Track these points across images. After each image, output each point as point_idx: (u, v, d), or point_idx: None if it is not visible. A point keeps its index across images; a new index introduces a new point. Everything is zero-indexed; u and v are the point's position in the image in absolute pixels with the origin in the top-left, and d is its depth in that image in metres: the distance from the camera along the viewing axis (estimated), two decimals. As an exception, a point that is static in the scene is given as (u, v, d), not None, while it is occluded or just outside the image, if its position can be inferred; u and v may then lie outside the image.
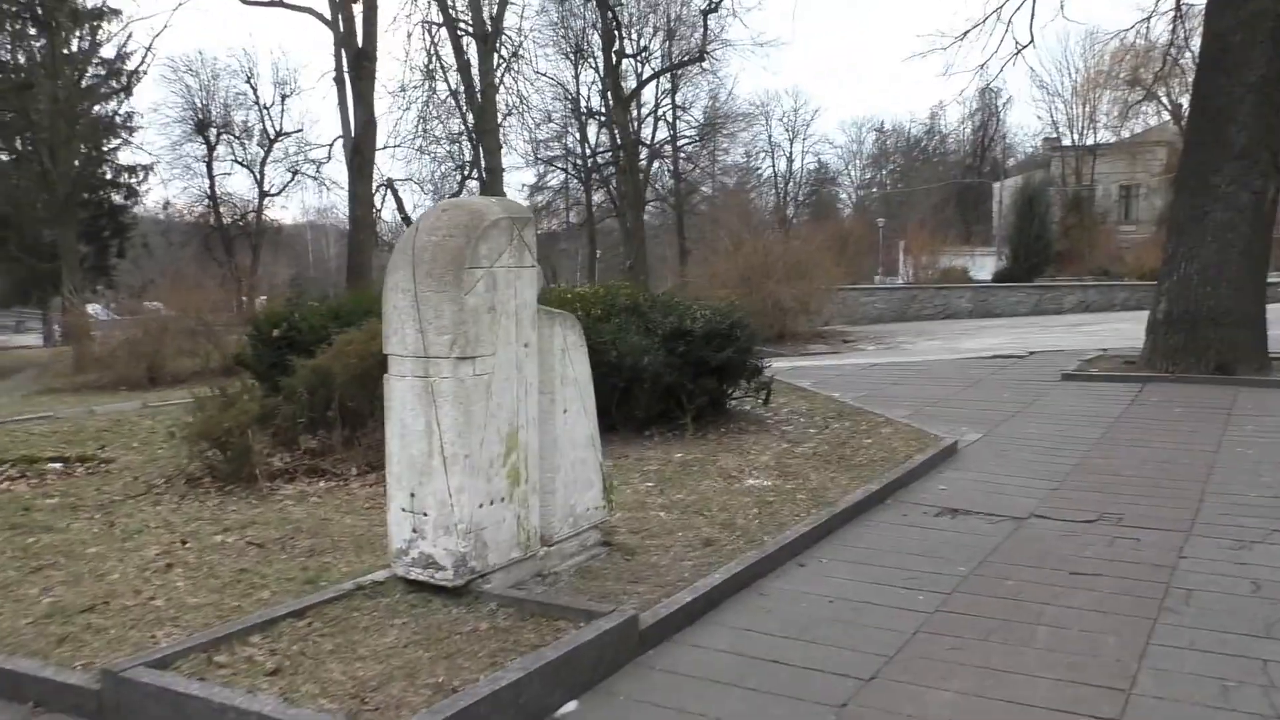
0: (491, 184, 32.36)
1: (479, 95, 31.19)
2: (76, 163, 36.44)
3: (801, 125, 62.38)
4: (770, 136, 59.74)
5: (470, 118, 34.40)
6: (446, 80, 34.06)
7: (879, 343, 20.16)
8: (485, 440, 4.55)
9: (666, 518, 6.04)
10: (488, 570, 4.61)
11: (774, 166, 60.54)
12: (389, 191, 36.66)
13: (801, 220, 52.36)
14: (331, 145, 38.96)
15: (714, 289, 25.33)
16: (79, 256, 35.06)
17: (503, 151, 33.99)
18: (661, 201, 47.45)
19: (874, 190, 65.04)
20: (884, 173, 66.53)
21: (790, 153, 61.60)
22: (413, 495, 4.57)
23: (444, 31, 32.28)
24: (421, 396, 4.50)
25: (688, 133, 46.21)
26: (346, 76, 31.17)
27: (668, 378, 8.59)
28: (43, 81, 32.77)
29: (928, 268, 32.16)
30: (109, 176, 41.01)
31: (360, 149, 30.97)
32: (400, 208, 37.50)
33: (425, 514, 4.53)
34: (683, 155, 46.62)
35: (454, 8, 31.81)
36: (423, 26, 33.01)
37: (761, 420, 9.40)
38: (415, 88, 34.14)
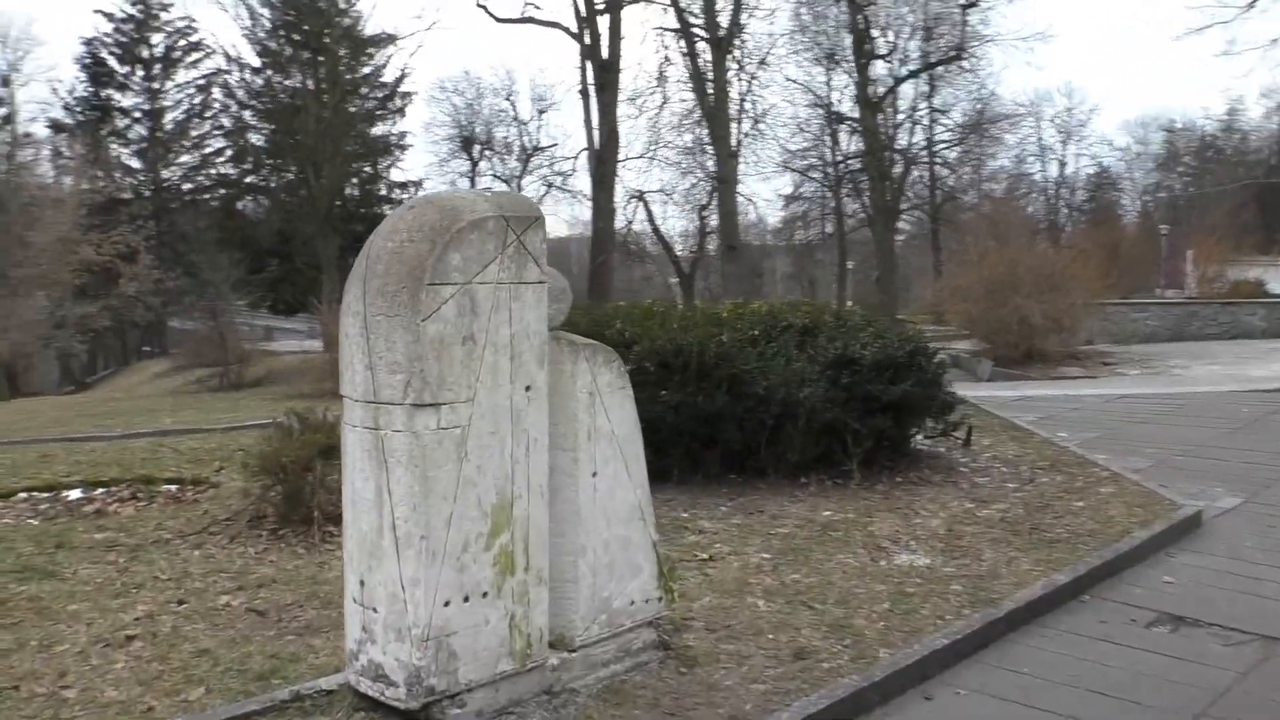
0: (724, 194, 31.35)
1: (710, 100, 30.24)
2: (355, 180, 38.80)
3: (1076, 125, 56.90)
4: (1040, 139, 55.14)
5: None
6: (688, 88, 33.42)
7: (1144, 366, 17.40)
8: (456, 516, 3.39)
9: (765, 609, 4.66)
10: (458, 689, 3.44)
11: (1044, 171, 55.96)
12: (640, 203, 36.49)
13: (1077, 229, 47.92)
14: (576, 158, 39.27)
15: (955, 303, 23.12)
16: (343, 268, 37.16)
17: (755, 162, 32.92)
18: (918, 210, 44.76)
19: (1161, 194, 58.84)
20: (1174, 174, 60.07)
21: (1063, 155, 56.72)
22: (362, 583, 3.47)
23: (677, 40, 31.60)
24: (372, 454, 3.40)
25: (944, 136, 43.26)
26: (590, 89, 31.19)
27: (826, 414, 7.11)
28: (310, 105, 34.84)
29: (1214, 279, 28.16)
30: (382, 193, 43.29)
31: (603, 160, 30.85)
32: (650, 219, 37.31)
33: (375, 609, 3.43)
34: (939, 161, 43.72)
35: (690, 12, 31.04)
36: (659, 33, 32.43)
37: (952, 467, 7.71)
38: (652, 93, 33.68)
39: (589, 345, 3.85)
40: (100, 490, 7.19)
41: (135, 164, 46.08)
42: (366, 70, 38.85)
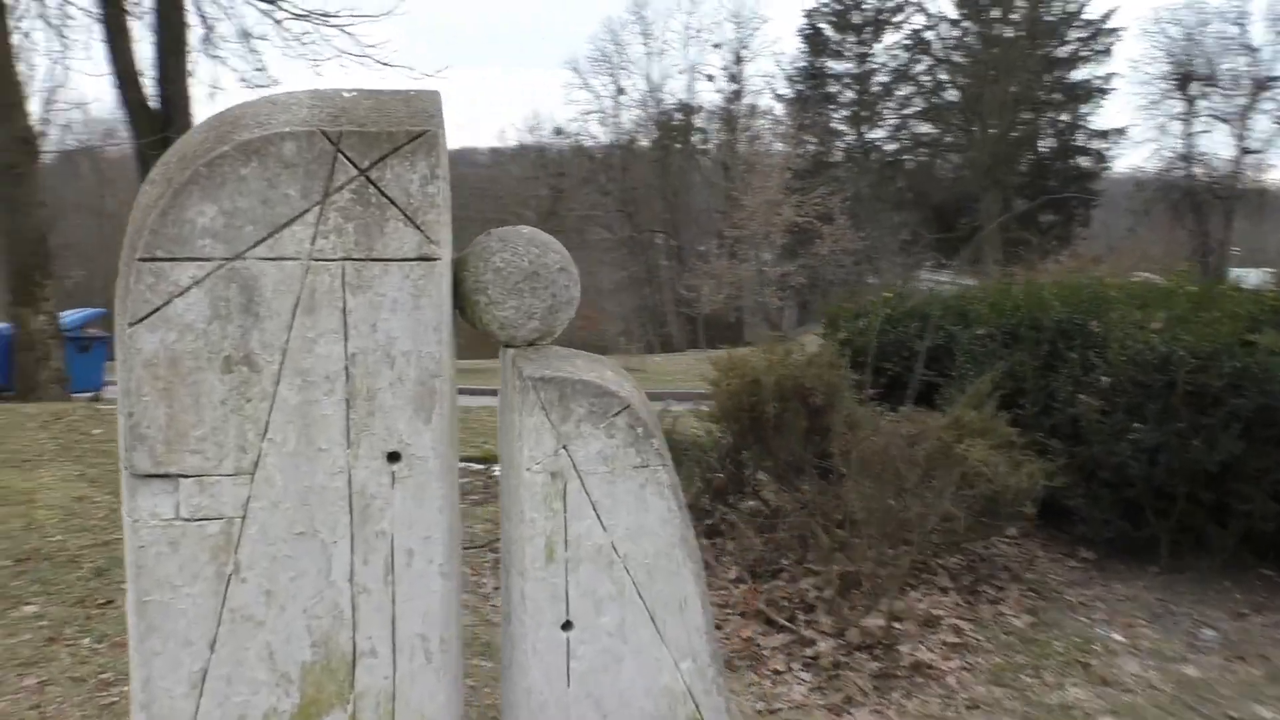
0: None
1: None
2: (1050, 131, 35.71)
3: None
4: None
5: None
6: None
7: None
8: (216, 678, 1.90)
9: None
10: None
11: None
12: None
13: None
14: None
15: None
16: (1038, 225, 34.46)
17: None
18: None
19: None
20: None
21: None
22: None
23: None
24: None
25: None
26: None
27: None
28: (1005, 53, 32.52)
29: None
30: (1078, 143, 39.48)
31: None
32: None
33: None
34: None
35: None
36: None
37: None
38: None
39: (557, 382, 1.99)
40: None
41: (842, 128, 47.78)
42: (1069, 7, 35.24)
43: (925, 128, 43.12)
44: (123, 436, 1.84)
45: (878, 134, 46.45)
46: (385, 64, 17.49)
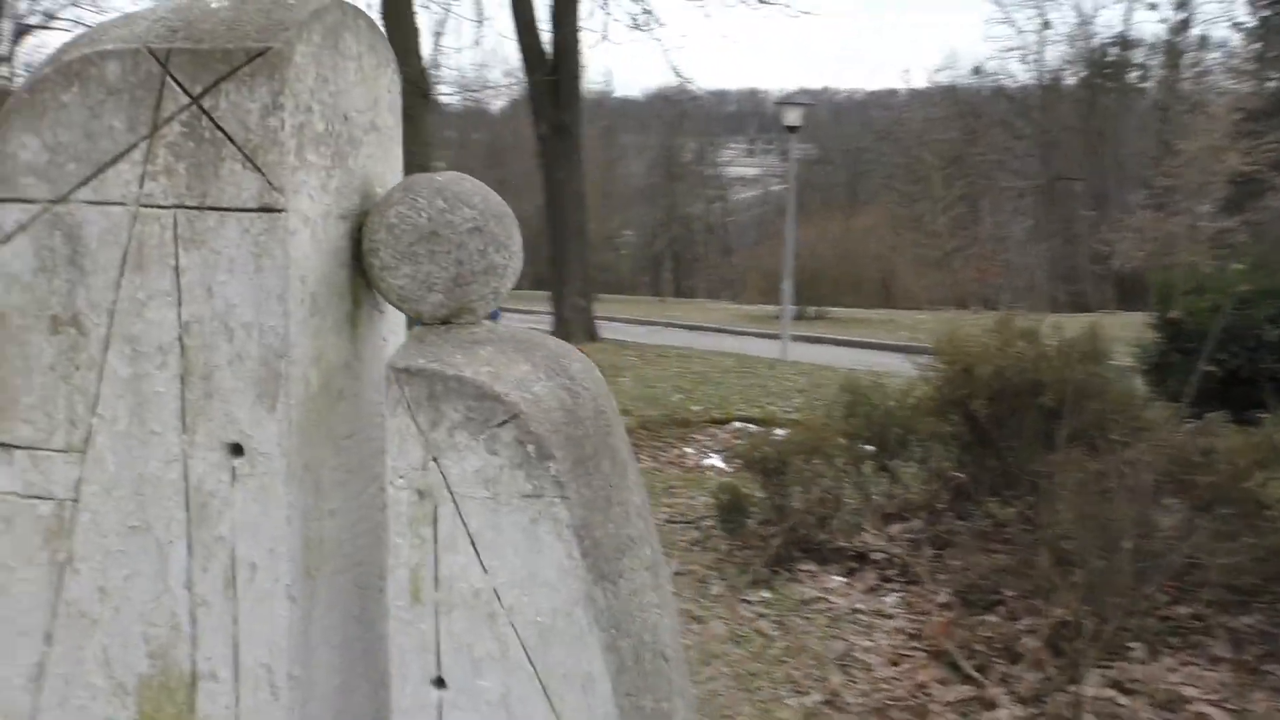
0: None
1: None
2: None
3: None
4: None
5: None
6: None
7: None
8: (55, 685, 1.68)
9: None
10: None
11: None
12: None
13: None
14: None
15: None
16: None
17: None
18: None
19: None
20: None
21: None
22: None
23: None
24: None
25: None
26: None
27: None
28: None
29: None
30: None
31: None
32: None
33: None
34: None
35: None
36: None
37: None
38: None
39: (426, 376, 1.52)
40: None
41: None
42: None
43: None
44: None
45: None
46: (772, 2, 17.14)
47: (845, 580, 3.77)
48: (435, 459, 1.53)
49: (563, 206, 15.79)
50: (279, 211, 1.50)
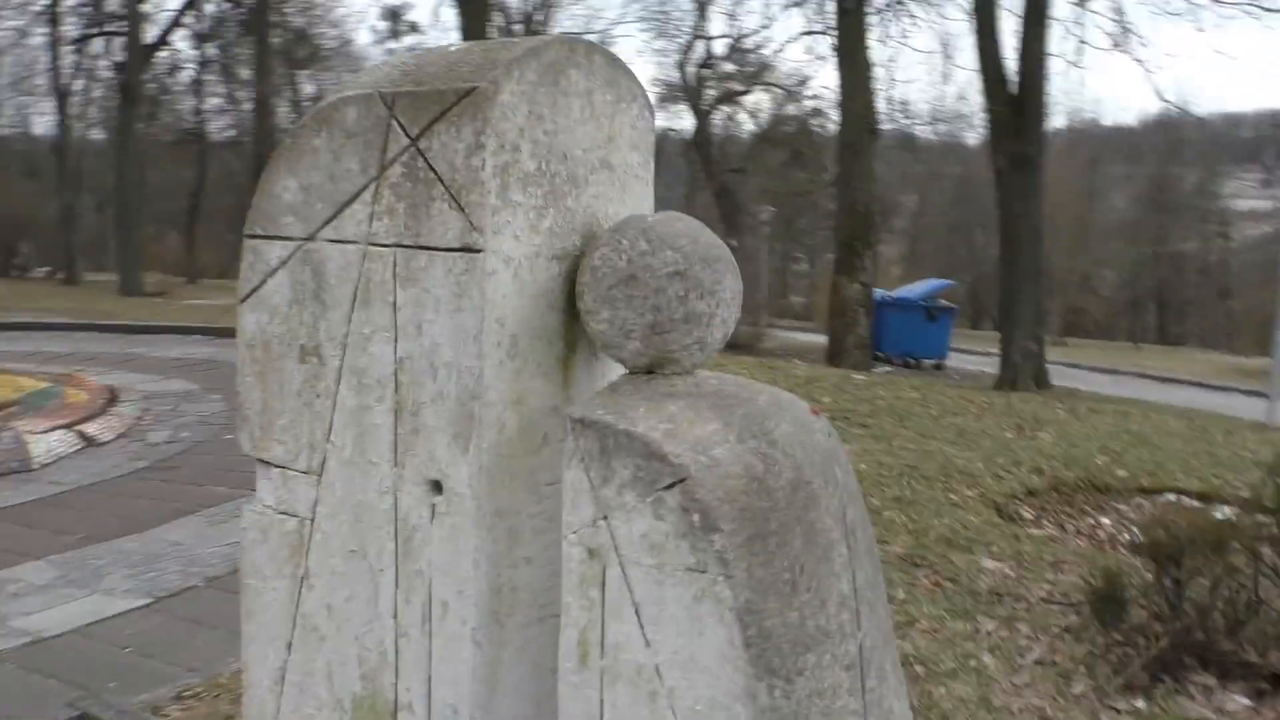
0: None
1: None
2: None
3: None
4: None
5: None
6: None
7: None
8: (293, 686, 1.81)
9: None
10: None
11: None
12: None
13: None
14: None
15: None
16: None
17: None
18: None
19: None
20: None
21: None
22: None
23: None
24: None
25: None
26: None
27: None
28: None
29: None
30: None
31: None
32: None
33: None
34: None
35: None
36: None
37: None
38: None
39: (598, 429, 1.41)
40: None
41: None
42: None
43: None
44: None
45: None
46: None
47: (1251, 705, 3.04)
48: (605, 517, 1.42)
49: (1017, 244, 14.82)
50: (478, 252, 1.49)
